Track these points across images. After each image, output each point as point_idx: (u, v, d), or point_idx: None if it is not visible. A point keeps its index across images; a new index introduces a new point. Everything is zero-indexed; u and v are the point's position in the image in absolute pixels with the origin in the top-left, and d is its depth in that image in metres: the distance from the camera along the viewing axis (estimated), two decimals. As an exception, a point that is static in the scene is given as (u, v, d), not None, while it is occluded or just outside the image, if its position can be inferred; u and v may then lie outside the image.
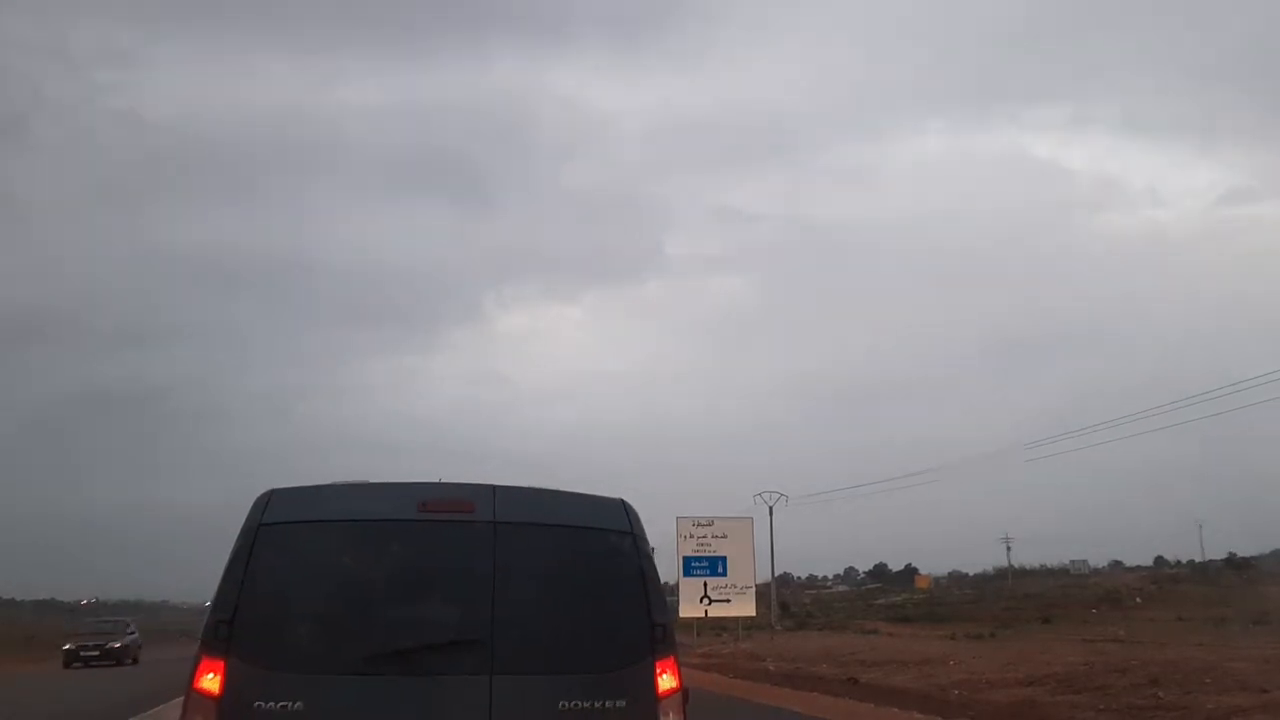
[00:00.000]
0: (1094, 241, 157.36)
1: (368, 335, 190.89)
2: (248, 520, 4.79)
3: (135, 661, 42.72)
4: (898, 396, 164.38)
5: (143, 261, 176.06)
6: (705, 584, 38.24)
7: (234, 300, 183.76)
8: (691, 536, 38.69)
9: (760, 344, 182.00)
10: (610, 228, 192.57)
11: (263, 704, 4.43)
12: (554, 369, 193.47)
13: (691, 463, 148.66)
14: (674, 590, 37.89)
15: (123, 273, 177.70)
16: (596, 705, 4.67)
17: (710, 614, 39.02)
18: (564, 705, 4.64)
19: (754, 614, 42.13)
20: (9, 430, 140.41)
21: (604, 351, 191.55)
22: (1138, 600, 65.02)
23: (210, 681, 4.51)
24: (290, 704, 4.43)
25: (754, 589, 40.18)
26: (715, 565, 38.37)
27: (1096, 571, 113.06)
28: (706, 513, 39.27)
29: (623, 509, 5.22)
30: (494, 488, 5.02)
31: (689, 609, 38.90)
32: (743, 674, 28.17)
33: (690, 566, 38.59)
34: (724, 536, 38.70)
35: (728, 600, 38.22)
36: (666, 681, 4.84)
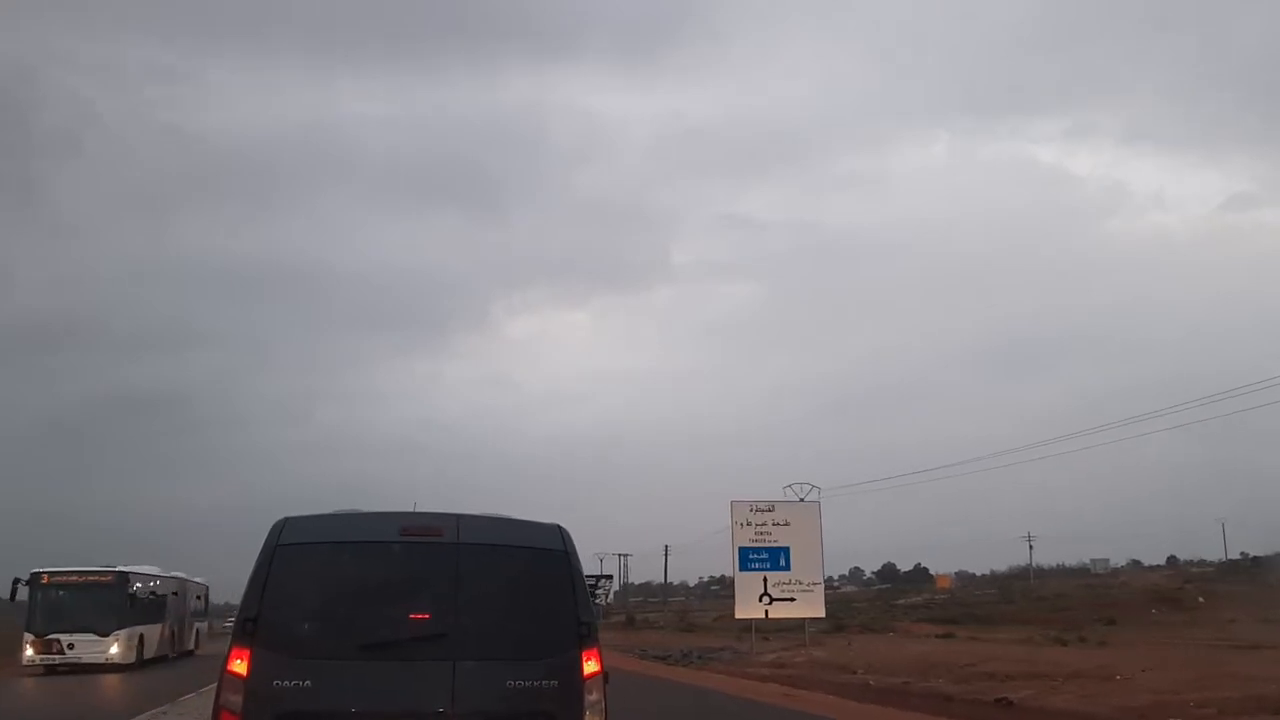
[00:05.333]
0: (1101, 246, 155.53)
1: (380, 340, 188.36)
2: (266, 542, 6.10)
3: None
4: (905, 399, 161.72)
5: (165, 268, 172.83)
6: (765, 579, 32.52)
7: (249, 306, 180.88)
8: (749, 524, 32.88)
9: (768, 349, 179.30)
10: (619, 235, 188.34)
11: (280, 682, 5.69)
12: (561, 373, 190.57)
13: (697, 465, 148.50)
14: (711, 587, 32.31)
15: (146, 280, 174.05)
16: (536, 684, 5.92)
17: (771, 615, 33.31)
18: (510, 684, 5.90)
19: (823, 615, 36.41)
20: (26, 433, 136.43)
21: (612, 356, 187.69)
22: (1200, 600, 60.08)
23: (239, 666, 5.76)
24: (301, 682, 5.70)
25: (822, 586, 34.54)
26: (777, 557, 32.55)
27: (1118, 570, 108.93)
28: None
29: (558, 532, 6.48)
30: (458, 516, 6.36)
31: (746, 609, 33.16)
32: (836, 690, 22.73)
33: (747, 559, 32.81)
34: (786, 524, 32.89)
35: (792, 599, 32.40)
36: (590, 666, 6.10)
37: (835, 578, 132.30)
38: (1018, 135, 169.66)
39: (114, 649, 28.64)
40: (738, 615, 34.73)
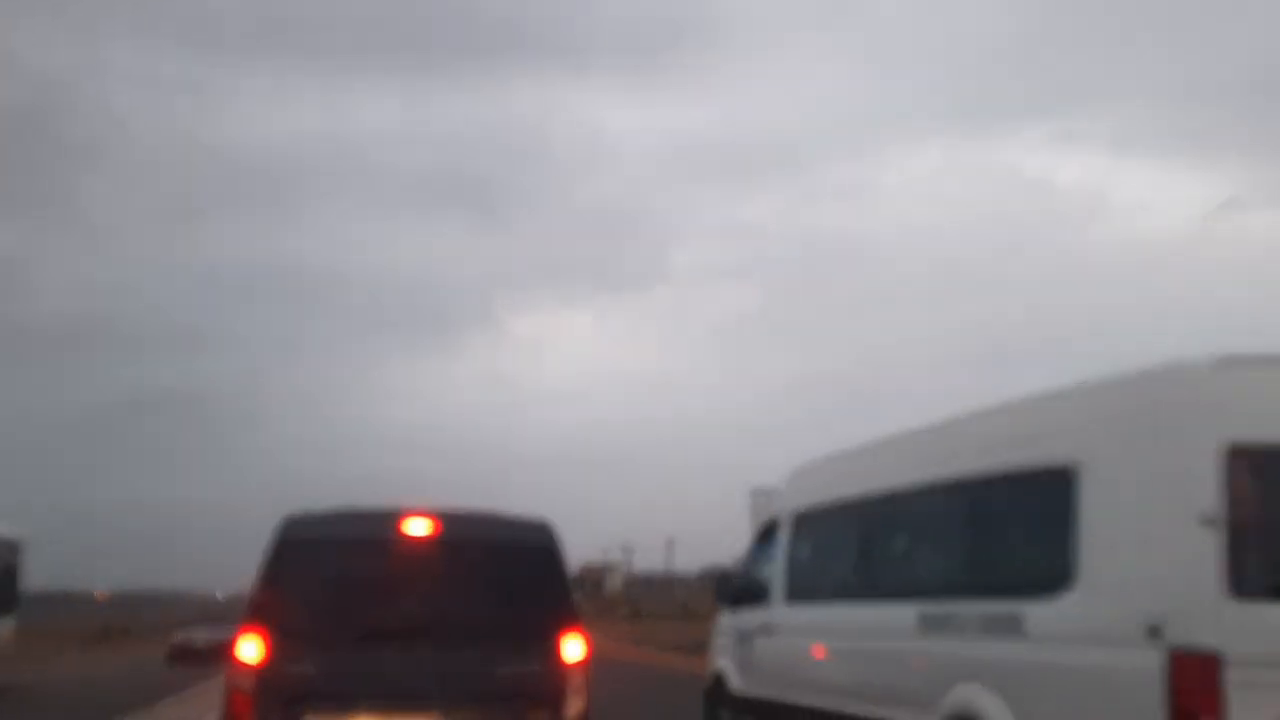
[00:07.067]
0: (1090, 251, 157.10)
1: (387, 341, 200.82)
2: (272, 538, 6.42)
3: None
4: (899, 401, 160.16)
5: (183, 273, 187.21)
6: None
7: (260, 310, 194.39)
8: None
9: (765, 350, 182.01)
10: (620, 240, 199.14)
11: (285, 668, 6.07)
12: (563, 374, 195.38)
13: (698, 462, 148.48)
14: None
15: (164, 283, 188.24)
16: (523, 669, 6.25)
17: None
18: (499, 670, 6.20)
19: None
20: (37, 428, 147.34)
21: (612, 356, 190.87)
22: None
23: (248, 653, 6.10)
24: (305, 668, 6.08)
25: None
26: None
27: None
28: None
29: (545, 527, 6.75)
30: (451, 513, 6.67)
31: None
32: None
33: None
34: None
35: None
36: (574, 653, 6.38)
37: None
38: (1007, 142, 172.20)
39: None
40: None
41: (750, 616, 9.67)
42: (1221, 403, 5.15)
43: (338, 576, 6.51)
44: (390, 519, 6.57)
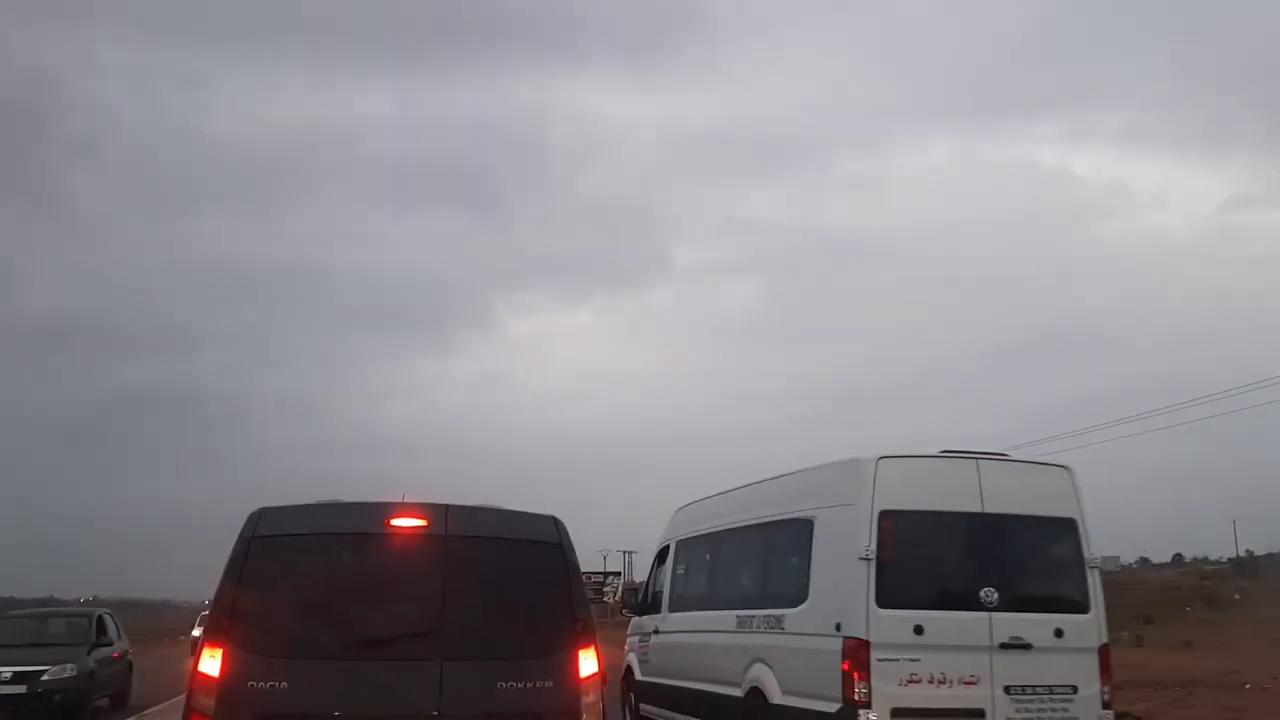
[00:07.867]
0: (1102, 246, 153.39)
1: (382, 339, 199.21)
2: (242, 533, 5.74)
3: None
4: (905, 398, 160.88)
5: (175, 269, 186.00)
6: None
7: (253, 306, 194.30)
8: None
9: (770, 348, 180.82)
10: (622, 236, 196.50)
11: (254, 684, 5.36)
12: (562, 372, 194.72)
13: (699, 464, 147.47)
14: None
15: (156, 280, 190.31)
16: (529, 685, 5.58)
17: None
18: (502, 685, 5.55)
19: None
20: (27, 431, 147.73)
21: (613, 355, 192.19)
22: (1237, 597, 58.20)
23: (212, 666, 5.41)
24: (277, 684, 5.36)
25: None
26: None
27: (1129, 568, 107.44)
28: None
29: (553, 524, 6.12)
30: (447, 506, 5.97)
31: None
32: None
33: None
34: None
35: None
36: (587, 666, 5.74)
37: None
38: (1019, 136, 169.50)
39: None
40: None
41: (649, 621, 13.05)
42: (877, 483, 8.33)
43: (317, 577, 5.80)
44: (377, 512, 5.93)
